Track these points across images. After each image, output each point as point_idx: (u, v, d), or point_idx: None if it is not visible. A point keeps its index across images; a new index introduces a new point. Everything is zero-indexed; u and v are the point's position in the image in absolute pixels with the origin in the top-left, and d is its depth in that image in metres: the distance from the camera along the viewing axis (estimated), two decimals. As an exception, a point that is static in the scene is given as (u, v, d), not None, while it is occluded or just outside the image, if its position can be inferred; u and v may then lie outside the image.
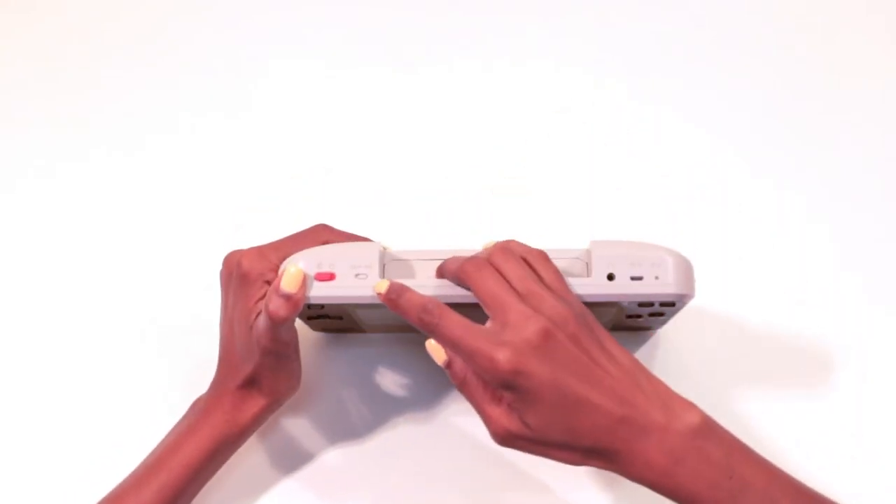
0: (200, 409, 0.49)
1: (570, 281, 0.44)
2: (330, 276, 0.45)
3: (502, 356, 0.38)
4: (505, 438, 0.41)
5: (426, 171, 0.65)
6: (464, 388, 0.42)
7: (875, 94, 0.67)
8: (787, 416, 0.54)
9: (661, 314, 0.50)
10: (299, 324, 0.52)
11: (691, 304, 0.47)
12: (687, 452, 0.39)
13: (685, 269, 0.45)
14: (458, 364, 0.41)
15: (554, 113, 0.67)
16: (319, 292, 0.45)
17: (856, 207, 0.62)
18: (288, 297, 0.43)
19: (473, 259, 0.43)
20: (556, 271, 0.43)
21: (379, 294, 0.43)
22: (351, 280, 0.45)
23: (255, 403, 0.48)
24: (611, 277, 0.44)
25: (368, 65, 0.71)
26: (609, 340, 0.41)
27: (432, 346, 0.42)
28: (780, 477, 0.40)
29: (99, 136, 0.70)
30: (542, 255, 0.44)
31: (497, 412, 0.40)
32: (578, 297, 0.44)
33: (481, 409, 0.41)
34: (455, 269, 0.43)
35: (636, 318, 0.51)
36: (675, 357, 0.57)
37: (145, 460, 0.48)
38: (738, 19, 0.71)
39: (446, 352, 0.41)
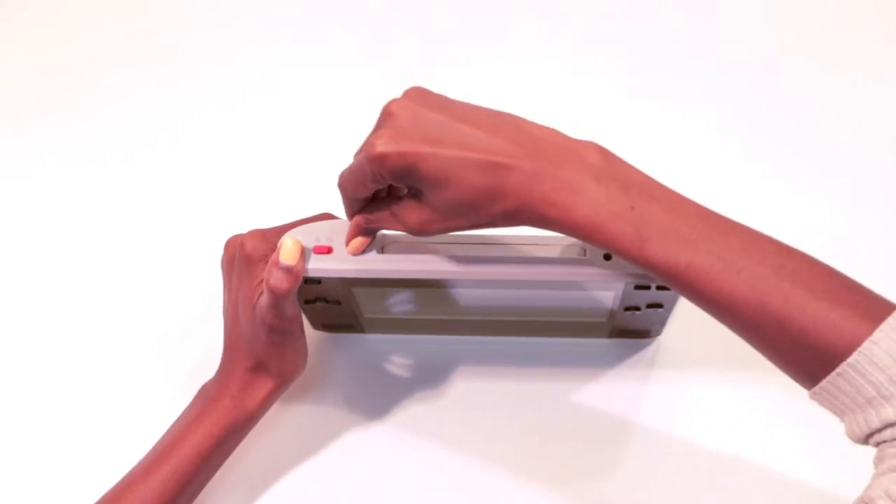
0: (208, 396, 0.48)
1: (568, 263, 0.45)
2: (328, 250, 0.46)
3: (377, 151, 0.37)
4: (420, 227, 0.41)
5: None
6: (379, 226, 0.44)
7: (875, 87, 0.69)
8: (791, 419, 0.54)
9: (660, 305, 0.51)
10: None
11: (691, 310, 0.48)
12: (585, 185, 0.37)
13: None
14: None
15: (552, 107, 0.68)
16: (317, 265, 0.45)
17: (857, 203, 0.63)
18: (288, 270, 0.43)
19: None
20: None
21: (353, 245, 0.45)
22: (348, 253, 0.46)
23: (263, 386, 0.48)
24: (607, 257, 0.45)
25: (368, 62, 0.73)
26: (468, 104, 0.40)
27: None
28: (686, 207, 0.38)
29: (98, 136, 0.72)
30: None
31: (405, 215, 0.41)
32: (577, 281, 0.44)
33: (399, 225, 0.42)
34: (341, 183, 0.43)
35: (634, 311, 0.52)
36: (675, 364, 0.57)
37: (154, 448, 0.47)
38: (730, 14, 0.74)
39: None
